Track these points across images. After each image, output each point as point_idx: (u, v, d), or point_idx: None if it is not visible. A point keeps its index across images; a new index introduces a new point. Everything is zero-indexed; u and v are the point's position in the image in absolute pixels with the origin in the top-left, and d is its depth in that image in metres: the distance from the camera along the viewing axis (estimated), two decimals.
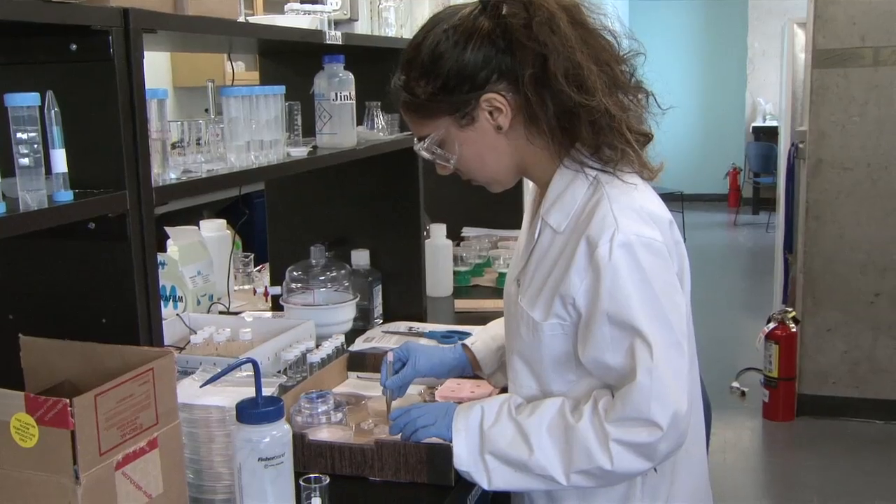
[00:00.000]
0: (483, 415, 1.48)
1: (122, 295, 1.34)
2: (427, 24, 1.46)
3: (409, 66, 1.45)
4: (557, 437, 1.40)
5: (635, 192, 1.42)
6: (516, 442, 1.43)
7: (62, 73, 1.29)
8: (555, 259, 1.44)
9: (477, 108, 1.41)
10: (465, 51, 1.39)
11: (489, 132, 1.43)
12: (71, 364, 1.30)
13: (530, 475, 1.42)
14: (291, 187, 2.52)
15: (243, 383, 1.50)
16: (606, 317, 1.35)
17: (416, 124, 1.49)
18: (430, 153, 1.47)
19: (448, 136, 1.45)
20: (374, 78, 2.25)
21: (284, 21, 1.98)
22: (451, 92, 1.41)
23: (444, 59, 1.40)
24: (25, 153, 1.16)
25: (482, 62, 1.39)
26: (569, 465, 1.39)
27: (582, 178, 1.43)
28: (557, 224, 1.44)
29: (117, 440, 1.17)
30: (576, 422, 1.39)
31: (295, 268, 2.33)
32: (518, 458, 1.42)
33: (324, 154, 1.98)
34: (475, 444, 1.46)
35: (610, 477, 1.38)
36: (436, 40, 1.41)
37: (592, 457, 1.36)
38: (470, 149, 1.45)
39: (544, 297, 1.44)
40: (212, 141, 1.72)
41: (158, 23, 1.38)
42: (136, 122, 1.31)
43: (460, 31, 1.40)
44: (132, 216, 1.32)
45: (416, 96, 1.44)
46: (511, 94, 1.40)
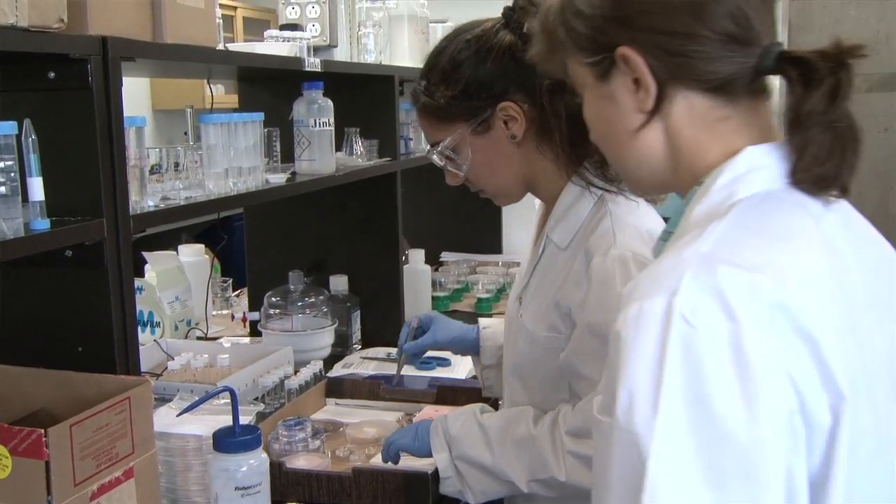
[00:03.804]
0: (448, 421, 1.49)
1: (98, 323, 1.33)
2: (450, 34, 1.50)
3: (429, 72, 1.49)
4: (517, 443, 1.41)
5: (638, 211, 1.43)
6: (479, 445, 1.44)
7: (40, 100, 1.28)
8: (556, 274, 1.45)
9: (493, 115, 1.43)
10: (486, 61, 1.42)
11: (503, 141, 1.45)
12: (46, 392, 1.29)
13: (498, 480, 1.43)
14: (270, 212, 2.52)
15: (220, 411, 1.50)
16: (588, 326, 1.36)
17: (431, 129, 1.51)
18: (442, 158, 1.49)
19: (462, 142, 1.46)
20: (353, 104, 2.28)
21: (264, 48, 1.99)
22: (469, 98, 1.44)
23: (464, 67, 1.44)
24: (2, 182, 1.16)
25: (501, 73, 1.42)
26: (527, 473, 1.40)
27: (588, 195, 1.45)
28: (561, 240, 1.46)
29: (92, 470, 1.16)
30: (536, 431, 1.40)
31: (273, 293, 2.33)
32: (481, 462, 1.43)
33: (303, 180, 1.98)
34: (446, 449, 1.47)
35: (565, 488, 1.37)
36: (457, 48, 1.45)
37: (547, 466, 1.37)
38: (482, 157, 1.47)
39: (544, 310, 1.45)
40: (190, 167, 1.72)
41: (137, 51, 1.38)
42: (114, 150, 1.31)
43: (482, 42, 1.43)
44: (109, 244, 1.31)
45: (434, 100, 1.46)
46: (527, 105, 1.42)
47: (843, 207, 0.89)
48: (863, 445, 0.76)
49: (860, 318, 0.82)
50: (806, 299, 0.75)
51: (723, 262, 0.76)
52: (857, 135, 0.84)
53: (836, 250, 0.83)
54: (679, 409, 0.71)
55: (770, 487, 0.71)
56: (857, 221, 0.92)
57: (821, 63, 0.82)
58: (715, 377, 0.71)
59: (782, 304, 0.74)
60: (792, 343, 0.73)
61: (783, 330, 0.73)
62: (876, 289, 0.87)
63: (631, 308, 0.77)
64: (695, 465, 0.71)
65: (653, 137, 0.90)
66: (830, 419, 0.73)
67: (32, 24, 1.16)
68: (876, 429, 0.79)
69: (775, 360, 0.72)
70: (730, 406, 0.70)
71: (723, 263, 0.76)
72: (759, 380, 0.71)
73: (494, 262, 3.29)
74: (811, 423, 0.73)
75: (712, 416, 0.71)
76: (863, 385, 0.77)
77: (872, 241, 0.93)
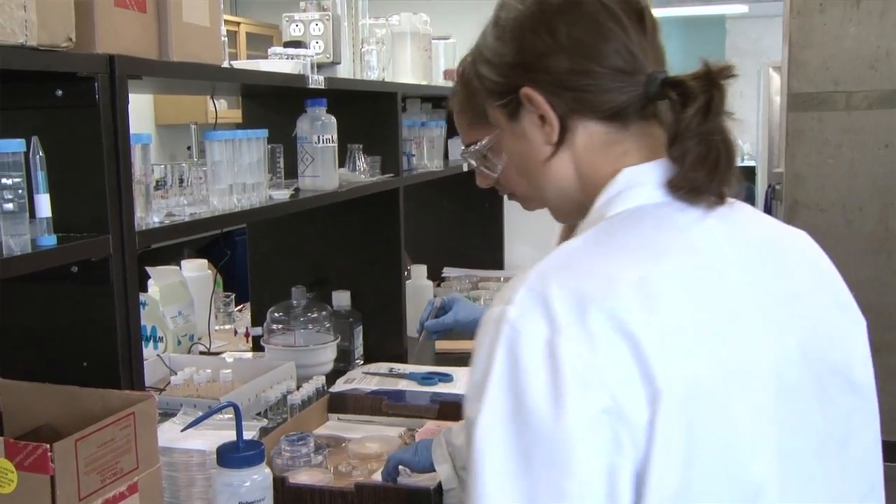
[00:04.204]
0: (452, 433, 1.49)
1: (103, 338, 1.34)
2: None
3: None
4: None
5: None
6: None
7: (47, 118, 1.30)
8: None
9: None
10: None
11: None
12: (51, 407, 1.30)
13: None
14: (273, 228, 2.53)
15: (224, 426, 1.50)
16: None
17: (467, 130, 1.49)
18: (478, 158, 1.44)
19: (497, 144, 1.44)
20: (356, 120, 2.29)
21: (268, 66, 2.01)
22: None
23: None
24: (10, 198, 1.17)
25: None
26: None
27: None
28: None
29: (97, 485, 1.16)
30: None
31: (276, 309, 2.34)
32: None
33: (306, 196, 1.99)
34: (449, 460, 1.47)
35: None
36: None
37: None
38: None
39: None
40: (194, 183, 1.73)
41: (143, 69, 1.40)
42: (121, 167, 1.33)
43: None
44: (115, 260, 1.32)
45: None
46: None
47: (734, 215, 0.96)
48: (705, 441, 0.82)
49: (730, 316, 0.88)
50: (634, 303, 0.83)
51: (557, 275, 0.86)
52: (731, 147, 0.92)
53: (704, 256, 0.91)
54: (500, 402, 0.82)
55: (574, 476, 0.79)
56: (754, 226, 0.99)
57: (694, 83, 0.91)
58: (530, 376, 0.81)
59: (608, 308, 0.82)
60: (613, 345, 0.81)
61: (605, 333, 0.81)
62: (766, 288, 0.93)
63: (487, 312, 0.89)
64: (510, 450, 0.81)
65: (562, 166, 0.99)
66: (647, 414, 0.80)
67: (41, 44, 1.18)
68: (726, 425, 0.84)
69: (588, 361, 0.80)
70: (540, 401, 0.80)
71: (556, 276, 0.86)
72: (568, 379, 0.80)
73: (496, 278, 3.31)
74: (628, 419, 0.80)
75: (526, 410, 0.80)
76: (710, 381, 0.84)
77: (767, 244, 0.99)
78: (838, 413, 0.95)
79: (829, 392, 0.94)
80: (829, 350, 0.96)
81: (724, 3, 8.99)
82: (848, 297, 1.02)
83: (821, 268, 1.03)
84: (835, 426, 0.95)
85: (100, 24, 1.31)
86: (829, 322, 0.98)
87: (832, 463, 0.95)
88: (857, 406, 0.98)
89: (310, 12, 2.36)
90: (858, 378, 0.98)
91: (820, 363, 0.94)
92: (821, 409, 0.93)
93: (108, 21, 1.33)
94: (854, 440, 0.97)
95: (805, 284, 0.99)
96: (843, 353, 0.98)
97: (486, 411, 0.82)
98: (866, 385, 0.99)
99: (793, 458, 0.90)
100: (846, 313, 1.01)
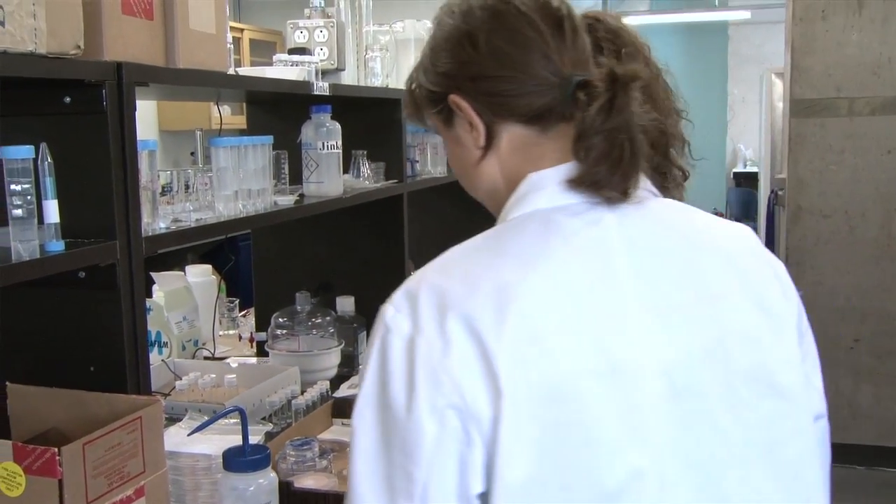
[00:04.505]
0: None
1: (110, 343, 1.35)
2: None
3: None
4: None
5: None
6: None
7: (55, 124, 1.31)
8: None
9: None
10: None
11: None
12: (58, 411, 1.31)
13: None
14: (278, 234, 2.54)
15: (228, 431, 1.51)
16: None
17: None
18: None
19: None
20: (360, 127, 2.30)
21: (273, 72, 2.02)
22: None
23: None
24: (19, 204, 1.18)
25: None
26: None
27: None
28: None
29: (104, 489, 1.17)
30: None
31: (280, 314, 2.35)
32: None
33: (310, 203, 2.01)
34: None
35: None
36: None
37: None
38: None
39: None
40: (200, 189, 1.74)
41: (151, 76, 1.41)
42: (128, 173, 1.34)
43: None
44: (122, 266, 1.33)
45: None
46: None
47: (646, 217, 0.98)
48: (564, 439, 0.87)
49: (609, 320, 0.91)
50: (487, 307, 0.88)
51: (431, 277, 0.93)
52: (637, 145, 0.95)
53: (587, 261, 0.94)
54: (370, 391, 0.90)
55: (421, 464, 0.86)
56: (668, 227, 1.00)
57: (599, 83, 0.95)
58: (392, 371, 0.89)
59: (464, 312, 0.88)
60: (465, 347, 0.87)
61: (459, 336, 0.87)
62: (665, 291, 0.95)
63: None
64: (375, 435, 0.89)
65: (490, 169, 1.05)
66: (490, 411, 0.86)
67: (51, 51, 1.19)
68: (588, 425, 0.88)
69: (440, 361, 0.87)
70: (398, 394, 0.88)
71: (429, 279, 0.93)
72: (421, 377, 0.87)
73: None
74: (475, 415, 0.86)
75: (388, 401, 0.89)
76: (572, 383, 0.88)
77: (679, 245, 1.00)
78: (756, 418, 0.95)
79: (742, 396, 0.94)
80: (743, 353, 0.95)
81: (726, 10, 9.01)
82: (775, 297, 1.01)
83: (745, 267, 1.01)
84: (753, 432, 0.95)
85: (108, 31, 1.32)
86: (747, 325, 0.97)
87: (754, 469, 0.94)
88: (784, 411, 0.97)
89: (314, 19, 2.38)
90: (782, 381, 0.97)
91: (729, 366, 0.94)
92: (733, 414, 0.93)
93: (115, 29, 1.34)
94: (783, 447, 0.96)
95: (720, 286, 0.98)
96: (762, 357, 0.97)
97: (360, 398, 0.91)
98: (793, 390, 0.98)
99: (694, 459, 0.91)
100: (770, 316, 0.99)
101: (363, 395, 0.91)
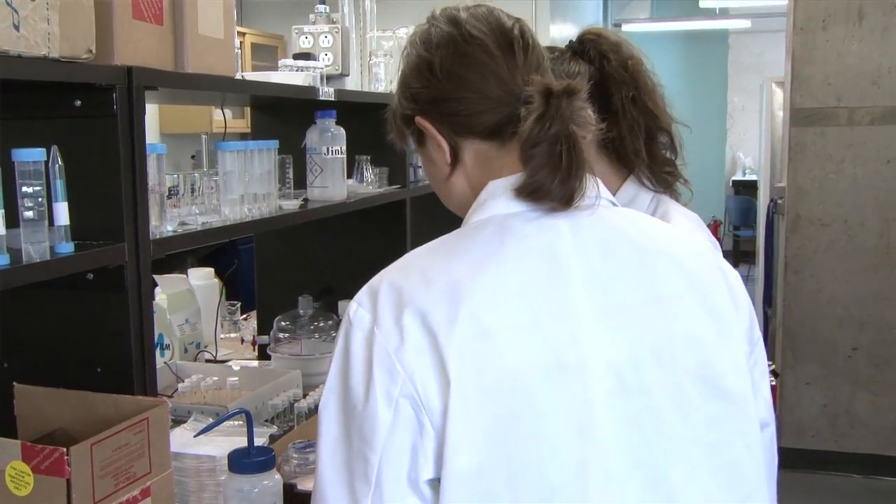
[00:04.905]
0: None
1: (117, 345, 1.36)
2: None
3: None
4: None
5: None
6: None
7: (66, 127, 1.32)
8: None
9: None
10: None
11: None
12: (64, 412, 1.32)
13: None
14: (280, 238, 2.55)
15: (232, 433, 1.52)
16: None
17: None
18: None
19: None
20: (363, 132, 2.31)
21: (279, 77, 2.03)
22: None
23: None
24: (30, 206, 1.19)
25: None
26: None
27: (644, 192, 1.54)
28: None
29: (111, 489, 1.18)
30: None
31: (283, 317, 2.36)
32: None
33: (315, 207, 2.02)
34: None
35: None
36: None
37: None
38: None
39: None
40: (206, 192, 1.75)
41: (160, 80, 1.43)
42: (136, 176, 1.35)
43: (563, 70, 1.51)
44: (130, 268, 1.35)
45: None
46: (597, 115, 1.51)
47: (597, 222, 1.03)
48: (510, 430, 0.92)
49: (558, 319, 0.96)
50: (440, 303, 0.94)
51: (392, 275, 0.99)
52: (575, 153, 0.99)
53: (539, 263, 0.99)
54: (335, 380, 0.97)
55: (376, 450, 0.92)
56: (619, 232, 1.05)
57: (537, 96, 1.00)
58: (353, 361, 0.95)
59: (419, 307, 0.94)
60: (418, 339, 0.93)
61: (414, 329, 0.93)
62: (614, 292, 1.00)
63: None
64: (337, 422, 0.95)
65: (459, 183, 1.11)
66: (440, 402, 0.91)
67: (63, 55, 1.20)
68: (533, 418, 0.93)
69: (395, 353, 0.93)
70: (356, 384, 0.94)
71: (390, 277, 0.98)
72: (376, 367, 0.93)
73: None
74: (426, 404, 0.92)
75: (348, 390, 0.95)
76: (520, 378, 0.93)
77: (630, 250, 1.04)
78: (701, 417, 0.99)
79: (689, 396, 0.99)
80: (689, 355, 1.00)
81: (726, 18, 9.04)
82: (724, 304, 1.05)
83: (695, 273, 1.05)
84: (698, 431, 0.99)
85: (118, 36, 1.33)
86: (694, 328, 1.01)
87: (699, 467, 0.99)
88: (728, 412, 1.01)
89: (319, 25, 2.39)
90: (728, 385, 1.01)
91: (677, 367, 0.99)
92: (680, 413, 0.98)
93: (126, 33, 1.35)
94: (727, 446, 1.01)
95: (670, 290, 1.02)
96: (709, 360, 1.01)
97: (326, 387, 0.97)
98: (738, 392, 1.02)
99: (639, 454, 0.95)
100: (718, 321, 1.03)
101: (328, 386, 0.97)
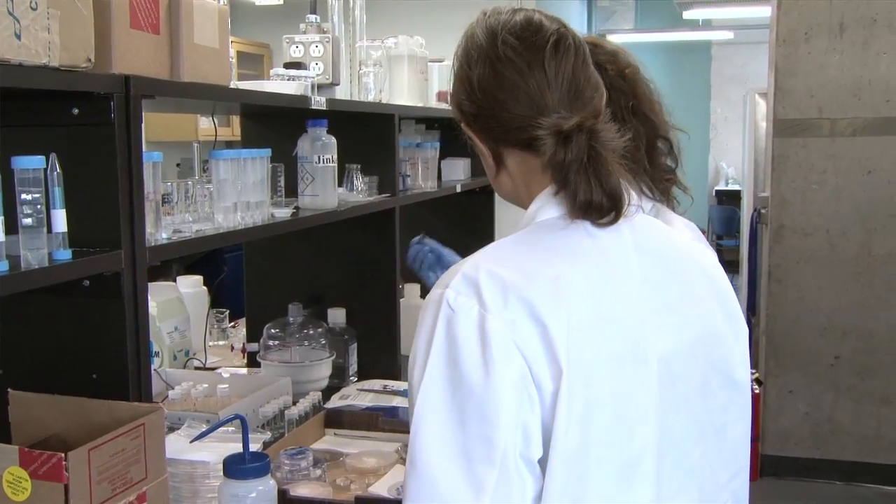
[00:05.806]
0: None
1: (113, 351, 1.37)
2: None
3: None
4: None
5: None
6: None
7: (64, 135, 1.33)
8: None
9: None
10: None
11: None
12: (59, 418, 1.33)
13: None
14: (270, 245, 2.56)
15: (226, 439, 1.53)
16: None
17: None
18: None
19: None
20: (353, 141, 2.33)
21: (271, 86, 2.05)
22: None
23: None
24: (29, 213, 1.20)
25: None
26: None
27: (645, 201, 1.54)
28: None
29: (108, 494, 1.19)
30: None
31: (272, 325, 2.37)
32: None
33: (306, 215, 2.03)
34: None
35: None
36: None
37: None
38: None
39: None
40: (199, 200, 1.76)
41: (157, 89, 1.44)
42: (133, 184, 1.36)
43: None
44: (126, 275, 1.36)
45: None
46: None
47: (643, 226, 1.12)
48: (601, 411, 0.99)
49: (629, 313, 1.05)
50: (546, 295, 0.99)
51: (487, 265, 1.02)
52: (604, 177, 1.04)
53: (611, 260, 1.07)
54: (438, 369, 0.98)
55: (500, 428, 0.94)
56: (658, 237, 1.15)
57: (549, 139, 1.06)
58: (464, 346, 0.97)
59: (525, 298, 0.98)
60: (527, 326, 0.97)
61: (521, 316, 0.98)
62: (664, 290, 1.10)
63: (428, 295, 1.05)
64: (447, 409, 0.96)
65: (506, 181, 1.18)
66: (552, 385, 0.97)
67: (63, 64, 1.22)
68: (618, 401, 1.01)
69: (510, 337, 0.97)
70: (472, 368, 0.96)
71: (486, 267, 1.02)
72: (495, 350, 0.96)
73: None
74: (539, 386, 0.97)
75: (460, 375, 0.96)
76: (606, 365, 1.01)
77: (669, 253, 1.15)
78: (717, 404, 1.13)
79: (711, 385, 1.12)
80: (714, 349, 1.13)
81: (710, 30, 9.12)
82: (734, 308, 1.19)
83: (713, 278, 1.18)
84: (713, 415, 1.13)
85: (116, 45, 1.35)
86: (717, 326, 1.15)
87: (710, 445, 1.12)
88: (735, 400, 1.16)
89: (310, 34, 2.41)
90: (738, 377, 1.16)
91: (706, 359, 1.12)
92: (703, 399, 1.11)
93: (124, 42, 1.37)
94: (729, 429, 1.15)
95: (699, 291, 1.15)
96: (726, 354, 1.15)
97: (427, 377, 0.98)
98: (743, 384, 1.17)
99: (674, 435, 1.06)
100: (731, 321, 1.17)
101: (430, 375, 0.97)
